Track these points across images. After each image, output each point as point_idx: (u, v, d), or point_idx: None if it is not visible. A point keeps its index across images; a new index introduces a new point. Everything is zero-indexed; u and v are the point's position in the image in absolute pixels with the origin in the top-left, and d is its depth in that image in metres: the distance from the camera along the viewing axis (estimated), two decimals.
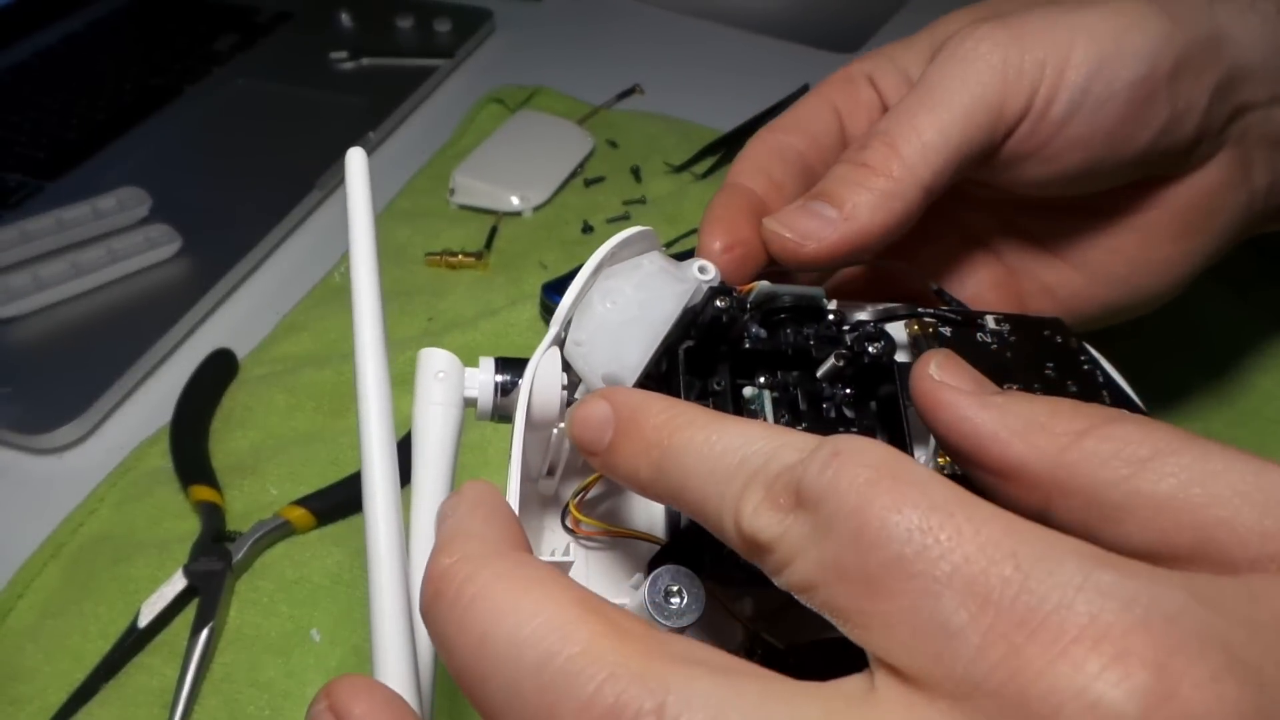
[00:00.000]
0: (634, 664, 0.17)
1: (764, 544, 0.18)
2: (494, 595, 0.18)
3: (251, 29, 0.84)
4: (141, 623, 0.41)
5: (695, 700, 0.16)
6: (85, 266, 0.57)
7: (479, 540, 0.20)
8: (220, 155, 0.70)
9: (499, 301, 0.57)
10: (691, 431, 0.21)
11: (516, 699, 0.17)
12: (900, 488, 0.17)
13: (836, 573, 0.17)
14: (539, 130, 0.70)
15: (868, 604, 0.17)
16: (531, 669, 0.17)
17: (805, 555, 0.18)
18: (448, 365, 0.27)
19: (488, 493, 0.22)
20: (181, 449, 0.48)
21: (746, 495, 0.19)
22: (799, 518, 0.18)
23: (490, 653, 0.18)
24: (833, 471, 0.18)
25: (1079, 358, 0.30)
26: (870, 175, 0.31)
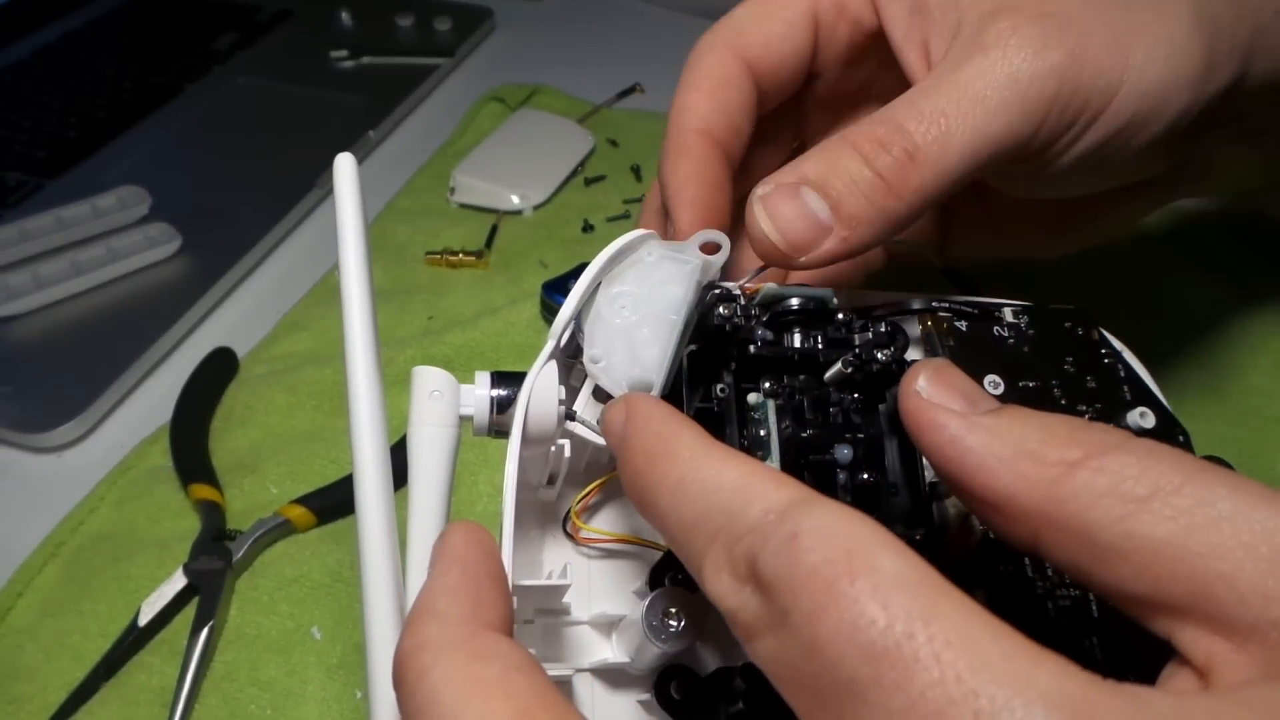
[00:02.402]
0: None
1: (726, 611, 0.18)
2: (441, 703, 0.18)
3: (251, 28, 0.84)
4: (141, 621, 0.40)
5: None
6: (85, 265, 0.57)
7: (440, 622, 0.19)
8: (220, 154, 0.70)
9: (499, 300, 0.57)
10: (666, 467, 0.20)
11: None
12: (859, 590, 0.15)
13: (791, 673, 0.16)
14: (539, 129, 0.70)
15: (819, 716, 0.16)
16: None
17: (763, 640, 0.17)
18: (442, 383, 0.26)
19: (466, 547, 0.21)
20: (181, 448, 0.48)
21: (708, 554, 0.18)
22: (756, 595, 0.17)
23: None
24: (788, 559, 0.16)
25: (1100, 350, 0.29)
26: (882, 191, 0.28)
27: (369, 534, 0.23)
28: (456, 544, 0.21)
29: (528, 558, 0.28)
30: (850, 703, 0.15)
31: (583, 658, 0.27)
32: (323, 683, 0.39)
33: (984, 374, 0.27)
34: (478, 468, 0.46)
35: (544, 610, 0.27)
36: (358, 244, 0.25)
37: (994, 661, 0.15)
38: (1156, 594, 0.17)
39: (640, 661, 0.26)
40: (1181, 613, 0.17)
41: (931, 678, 0.14)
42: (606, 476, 0.28)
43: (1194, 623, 0.16)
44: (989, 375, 0.27)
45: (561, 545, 0.29)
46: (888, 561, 0.16)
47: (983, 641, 0.15)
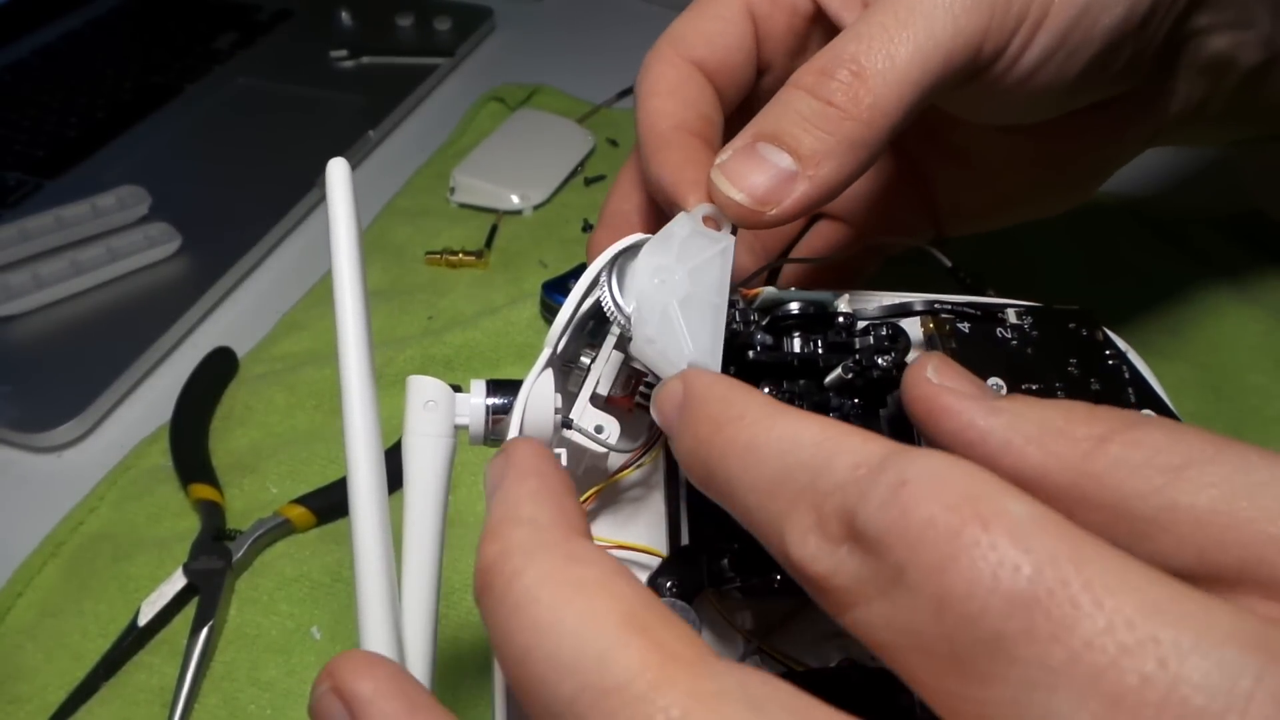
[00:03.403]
0: (676, 710, 0.14)
1: (815, 578, 0.16)
2: (538, 604, 0.16)
3: (251, 27, 0.84)
4: (141, 621, 0.40)
5: None
6: (85, 265, 0.57)
7: (529, 527, 0.18)
8: (220, 154, 0.70)
9: (499, 300, 0.57)
10: (736, 430, 0.18)
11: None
12: (995, 536, 0.14)
13: (913, 641, 0.14)
14: (539, 129, 0.70)
15: (956, 686, 0.14)
16: (566, 699, 0.15)
17: (871, 606, 0.15)
18: (437, 393, 0.26)
19: (537, 458, 0.20)
20: (181, 447, 0.48)
21: (791, 517, 0.16)
22: (856, 556, 0.15)
23: (531, 671, 0.16)
24: (899, 510, 0.14)
25: (1104, 351, 0.29)
26: (836, 117, 0.26)
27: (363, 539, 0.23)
28: (526, 456, 0.20)
29: None
30: (996, 662, 0.13)
31: None
32: None
33: (987, 376, 0.27)
34: (478, 468, 0.46)
35: None
36: (351, 251, 0.25)
37: (1163, 603, 0.13)
38: (1202, 565, 0.16)
39: None
40: (1232, 582, 0.15)
41: (1097, 625, 0.13)
42: (604, 483, 0.28)
43: (1247, 590, 0.15)
44: (992, 378, 0.27)
45: None
46: (1016, 505, 0.14)
47: (1142, 583, 0.13)
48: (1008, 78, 0.30)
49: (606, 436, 0.27)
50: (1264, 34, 0.37)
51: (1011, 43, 0.29)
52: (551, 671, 0.15)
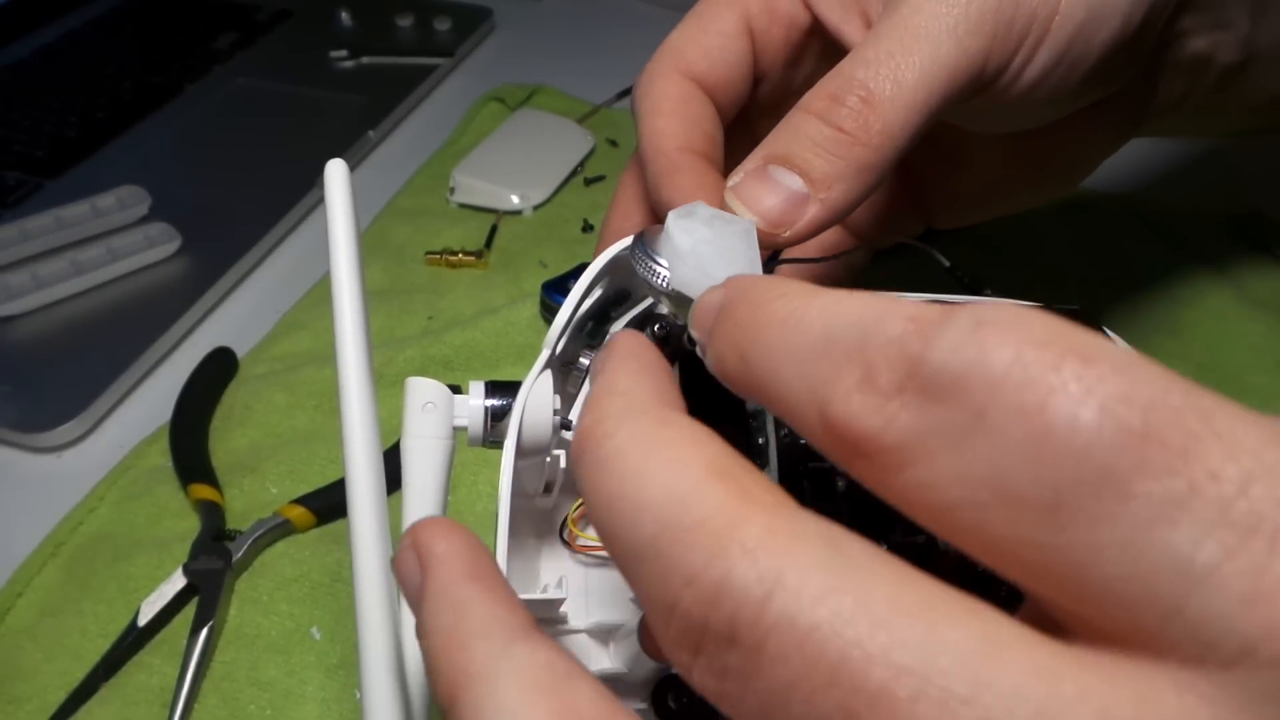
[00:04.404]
0: (751, 541, 0.14)
1: (860, 438, 0.14)
2: (625, 457, 0.16)
3: (251, 27, 0.84)
4: (141, 621, 0.40)
5: (807, 594, 0.13)
6: (85, 265, 0.57)
7: (623, 398, 0.18)
8: (220, 154, 0.70)
9: (499, 300, 0.57)
10: (777, 305, 0.17)
11: (636, 563, 0.15)
12: (1097, 370, 0.12)
13: (993, 493, 0.13)
14: (539, 129, 0.70)
15: (1049, 535, 0.12)
16: (648, 538, 0.15)
17: (934, 464, 0.13)
18: (436, 395, 0.26)
19: (637, 345, 0.20)
20: (181, 447, 0.48)
21: (835, 380, 0.15)
22: (915, 407, 0.14)
23: (616, 517, 0.16)
24: (978, 350, 0.13)
25: None
26: (846, 143, 0.27)
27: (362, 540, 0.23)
28: (627, 341, 0.20)
29: (524, 567, 0.28)
30: (1104, 500, 0.12)
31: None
32: (322, 683, 0.39)
33: None
34: (477, 468, 0.46)
35: (541, 620, 0.27)
36: (350, 252, 0.25)
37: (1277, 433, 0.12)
38: None
39: (637, 671, 0.26)
40: None
41: (1217, 454, 0.12)
42: None
43: None
44: None
45: (558, 553, 0.29)
46: (1107, 345, 0.13)
47: (1256, 417, 0.12)
48: (1009, 93, 0.31)
49: None
50: (1242, 35, 0.38)
51: (1013, 61, 0.30)
52: (635, 514, 0.15)
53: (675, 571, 0.14)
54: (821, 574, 0.13)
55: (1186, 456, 0.12)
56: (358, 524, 0.23)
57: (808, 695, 0.13)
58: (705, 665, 0.14)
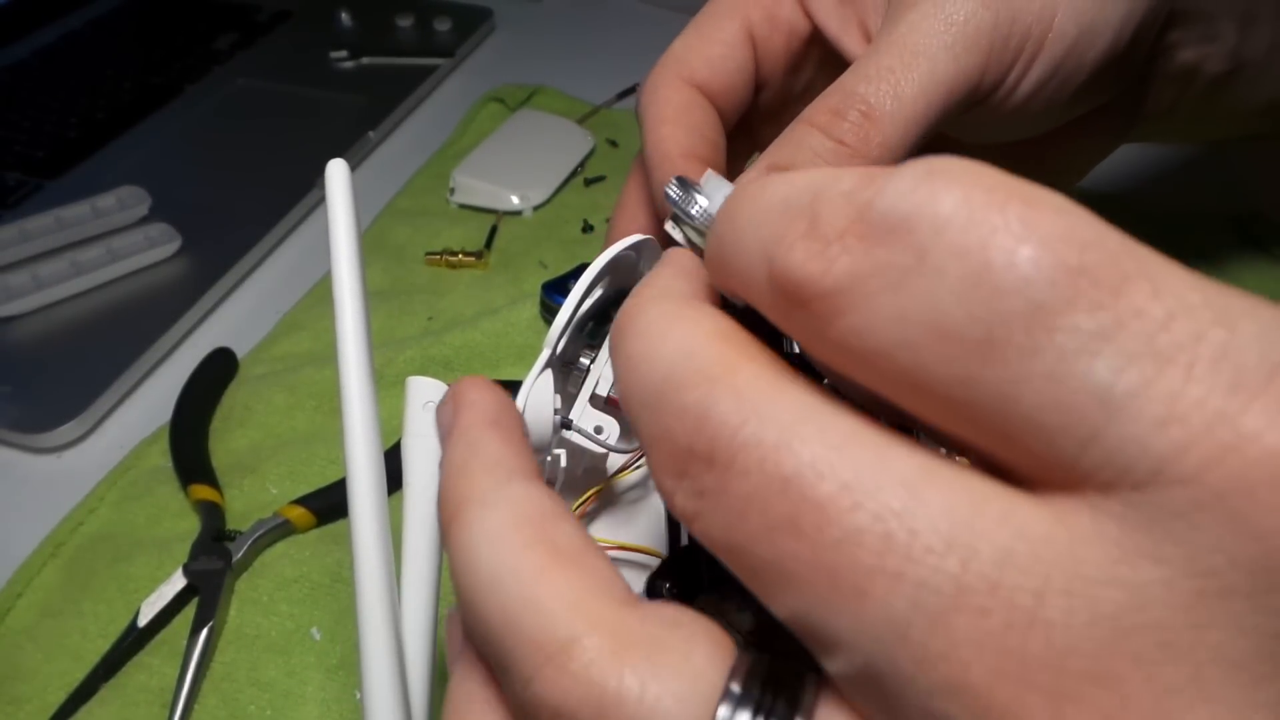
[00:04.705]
0: (739, 384, 0.15)
1: (800, 284, 0.14)
2: (651, 325, 0.17)
3: (251, 28, 0.84)
4: (141, 622, 0.40)
5: (776, 422, 0.14)
6: (85, 265, 0.57)
7: (662, 292, 0.19)
8: (220, 154, 0.70)
9: (499, 301, 0.57)
10: (753, 185, 0.17)
11: (644, 410, 0.17)
12: (1038, 214, 0.13)
13: (930, 328, 0.13)
14: (539, 129, 0.70)
15: (980, 369, 0.13)
16: (656, 384, 0.16)
17: (871, 305, 0.14)
18: (436, 394, 0.26)
19: (687, 258, 0.21)
20: (181, 448, 0.48)
21: (786, 231, 0.15)
22: (857, 249, 0.14)
23: (633, 373, 0.17)
24: (927, 193, 0.13)
25: None
26: (847, 156, 0.28)
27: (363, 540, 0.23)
28: (680, 256, 0.21)
29: None
30: (1034, 332, 0.13)
31: None
32: (322, 683, 0.39)
33: None
34: None
35: None
36: (351, 252, 0.25)
37: (1205, 284, 0.13)
38: None
39: None
40: None
41: (1145, 292, 0.12)
42: (603, 483, 0.28)
43: None
44: None
45: None
46: (1052, 193, 0.13)
47: (1177, 267, 0.13)
48: (1004, 106, 0.31)
49: (606, 437, 0.27)
50: (1229, 47, 0.39)
51: (1008, 76, 0.31)
52: (648, 367, 0.17)
53: (671, 407, 0.16)
54: (793, 410, 0.14)
55: (1116, 293, 0.12)
56: (358, 524, 0.23)
57: (762, 505, 0.14)
58: (687, 487, 0.15)
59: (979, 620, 0.12)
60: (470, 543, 0.17)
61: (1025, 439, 0.13)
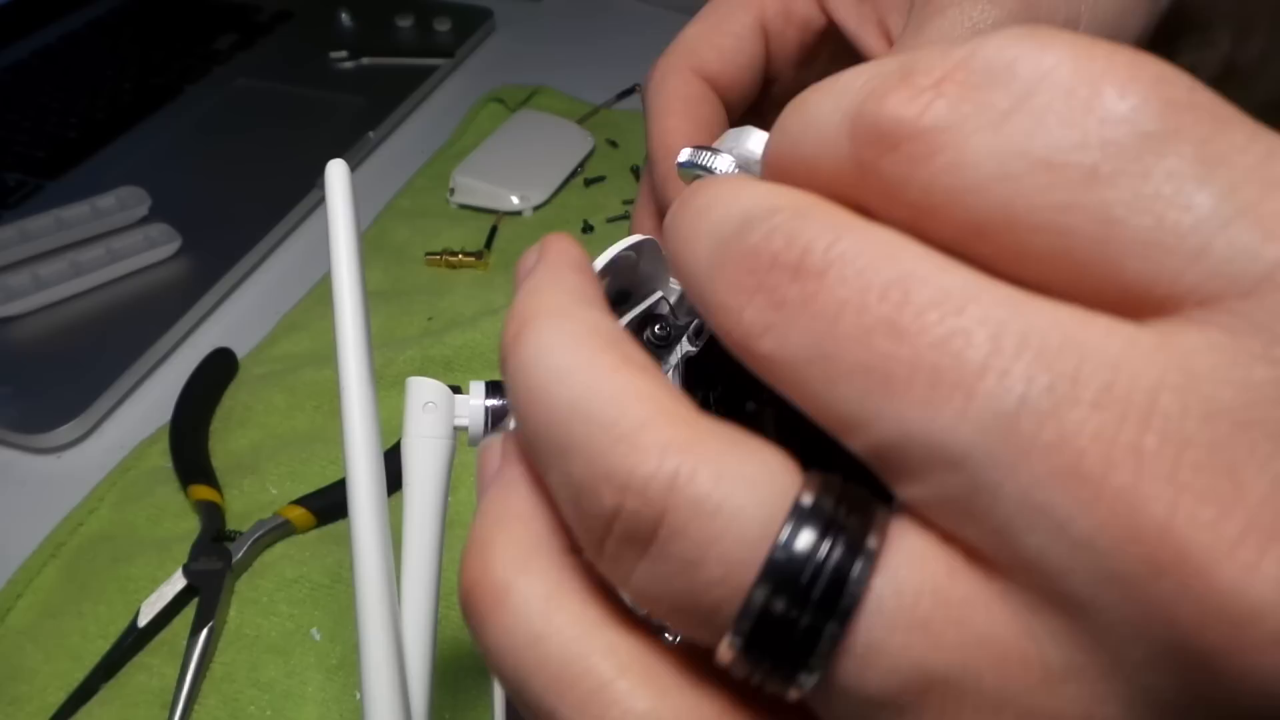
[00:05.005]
0: (826, 219, 0.15)
1: (892, 126, 0.14)
2: (719, 187, 0.17)
3: (251, 28, 0.84)
4: (141, 622, 0.40)
5: (870, 243, 0.14)
6: (85, 266, 0.57)
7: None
8: (220, 154, 0.70)
9: (499, 301, 0.57)
10: (823, 82, 0.17)
11: (715, 239, 0.16)
12: (1141, 60, 0.14)
13: (1032, 159, 0.13)
14: (539, 130, 0.70)
15: (1084, 194, 0.13)
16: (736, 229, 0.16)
17: (969, 142, 0.14)
18: (436, 395, 0.26)
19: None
20: (181, 448, 0.48)
21: (875, 87, 0.15)
22: (954, 94, 0.14)
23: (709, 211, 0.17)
24: (1032, 43, 0.14)
25: None
26: None
27: (363, 541, 0.23)
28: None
29: None
30: (1143, 158, 0.13)
31: None
32: (322, 684, 0.39)
33: None
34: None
35: None
36: (350, 252, 0.25)
37: None
38: None
39: None
40: None
41: (1244, 135, 0.13)
42: None
43: None
44: None
45: None
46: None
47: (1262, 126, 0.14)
48: None
49: None
50: (1222, 53, 0.40)
51: None
52: (726, 209, 0.16)
53: (757, 230, 0.15)
54: (889, 235, 0.14)
55: (1220, 128, 0.13)
56: (358, 524, 0.23)
57: (859, 309, 0.14)
58: (762, 301, 0.14)
59: (1092, 414, 0.12)
60: (541, 343, 0.16)
61: (1128, 260, 0.13)
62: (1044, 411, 0.12)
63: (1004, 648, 0.13)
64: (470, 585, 0.17)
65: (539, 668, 0.15)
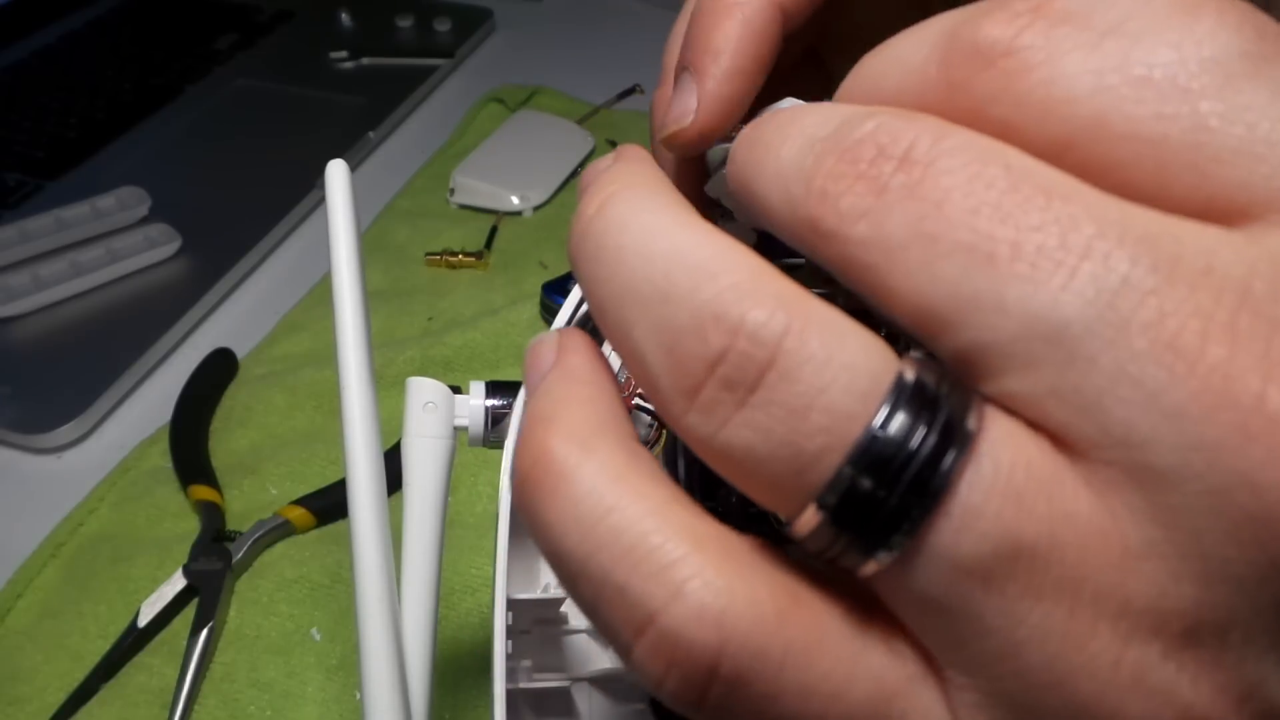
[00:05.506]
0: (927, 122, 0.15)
1: (988, 45, 0.15)
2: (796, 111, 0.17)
3: (251, 28, 0.84)
4: (141, 622, 0.40)
5: (973, 140, 0.14)
6: (85, 266, 0.57)
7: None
8: (220, 155, 0.70)
9: (499, 301, 0.57)
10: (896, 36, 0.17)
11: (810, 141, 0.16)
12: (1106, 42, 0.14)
13: (1130, 76, 0.14)
14: (539, 130, 0.70)
15: (1178, 106, 0.14)
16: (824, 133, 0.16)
17: (1068, 57, 0.14)
18: (436, 395, 0.26)
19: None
20: (181, 448, 0.48)
21: (968, 16, 0.15)
22: (1054, 14, 0.15)
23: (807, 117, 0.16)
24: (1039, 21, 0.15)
25: None
26: None
27: (363, 541, 0.23)
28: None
29: (524, 567, 0.28)
30: (1242, 79, 0.14)
31: (580, 667, 0.27)
32: (322, 684, 0.39)
33: None
34: (478, 469, 0.46)
35: (541, 620, 0.27)
36: (350, 252, 0.25)
37: None
38: None
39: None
40: None
41: None
42: None
43: None
44: None
45: None
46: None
47: None
48: None
49: None
50: None
51: None
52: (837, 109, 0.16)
53: (861, 128, 0.15)
54: (985, 139, 0.15)
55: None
56: (358, 524, 0.23)
57: (965, 193, 0.14)
58: (863, 188, 0.14)
59: (1190, 294, 0.13)
60: (631, 207, 0.16)
61: (1218, 167, 0.14)
62: (1145, 289, 0.13)
63: (1086, 524, 0.13)
64: (530, 463, 0.16)
65: (609, 541, 0.15)
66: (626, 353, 0.16)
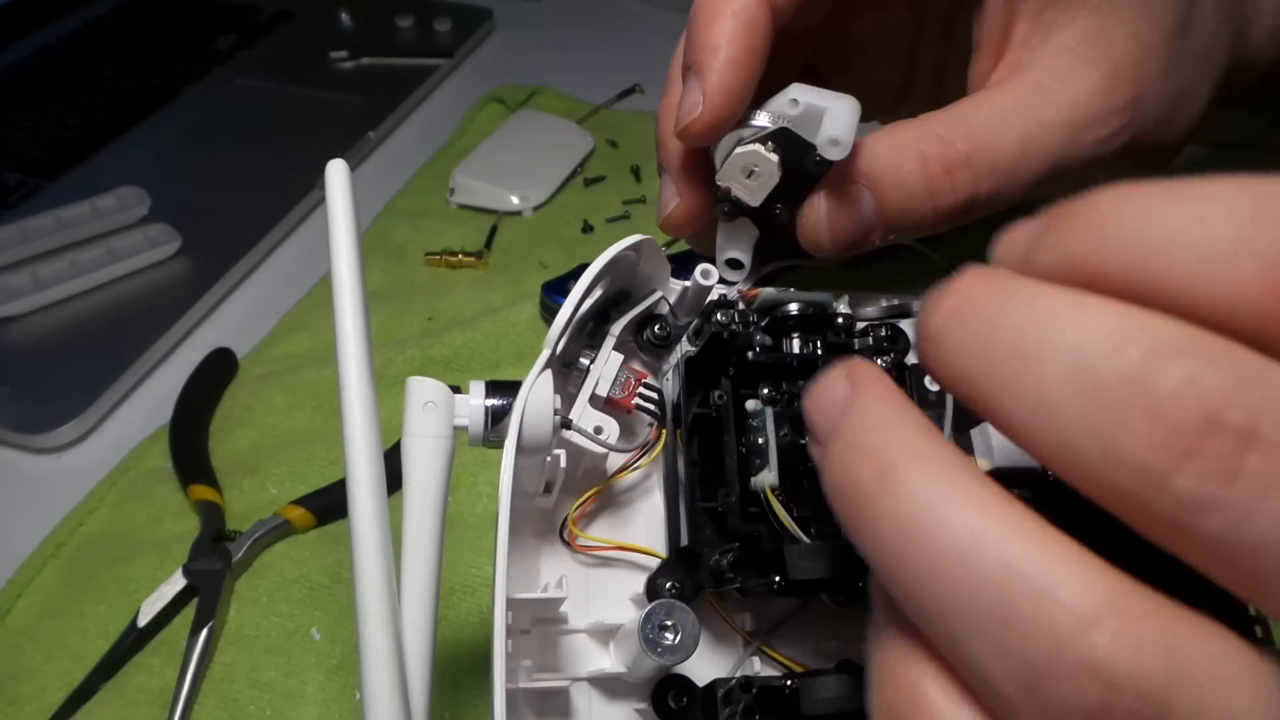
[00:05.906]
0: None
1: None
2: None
3: (251, 28, 0.84)
4: (141, 622, 0.40)
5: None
6: (85, 266, 0.57)
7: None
8: (220, 154, 0.70)
9: (499, 301, 0.57)
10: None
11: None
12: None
13: None
14: (539, 130, 0.70)
15: None
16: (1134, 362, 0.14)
17: None
18: (436, 394, 0.26)
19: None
20: (181, 448, 0.48)
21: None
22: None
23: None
24: None
25: None
26: None
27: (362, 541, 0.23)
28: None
29: (524, 567, 0.28)
30: None
31: (580, 667, 0.27)
32: (322, 684, 0.39)
33: None
34: (477, 469, 0.46)
35: (541, 620, 0.27)
36: (350, 252, 0.25)
37: None
38: None
39: (637, 671, 0.26)
40: None
41: None
42: (603, 484, 0.28)
43: None
44: None
45: (558, 553, 0.29)
46: None
47: None
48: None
49: (606, 437, 0.27)
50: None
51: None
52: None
53: (1166, 371, 0.13)
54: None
55: None
56: (358, 524, 0.23)
57: None
58: (1200, 469, 0.13)
59: None
60: (925, 499, 0.15)
61: None
62: None
63: None
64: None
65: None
66: (957, 656, 0.15)
